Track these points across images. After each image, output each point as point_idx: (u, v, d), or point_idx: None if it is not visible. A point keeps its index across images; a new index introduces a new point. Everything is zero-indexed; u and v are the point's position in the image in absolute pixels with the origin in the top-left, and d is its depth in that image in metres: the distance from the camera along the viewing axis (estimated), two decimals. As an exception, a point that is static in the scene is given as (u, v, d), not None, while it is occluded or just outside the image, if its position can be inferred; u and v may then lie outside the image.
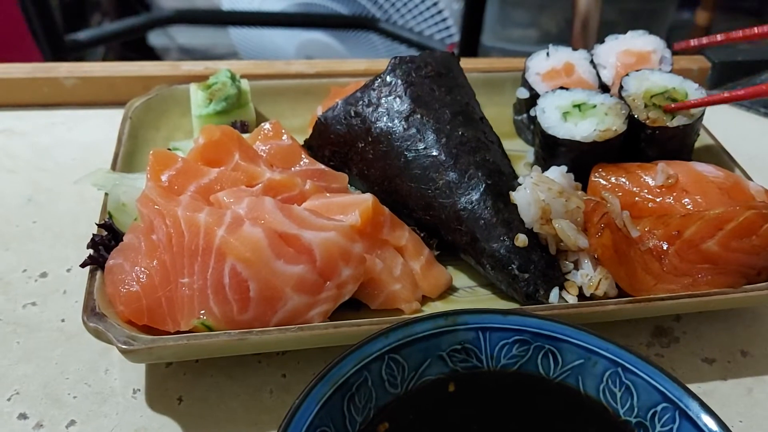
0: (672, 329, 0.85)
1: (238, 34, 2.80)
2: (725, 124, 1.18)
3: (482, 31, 2.28)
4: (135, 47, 2.97)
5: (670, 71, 0.99)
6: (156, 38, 3.22)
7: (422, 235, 0.85)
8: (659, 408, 0.64)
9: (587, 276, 0.78)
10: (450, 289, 0.84)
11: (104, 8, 3.09)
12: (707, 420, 0.61)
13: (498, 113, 1.06)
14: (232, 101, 0.98)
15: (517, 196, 0.80)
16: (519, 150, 1.05)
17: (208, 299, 0.70)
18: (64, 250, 0.90)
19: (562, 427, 0.67)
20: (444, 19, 2.51)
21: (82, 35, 2.34)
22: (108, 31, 2.53)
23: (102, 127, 1.12)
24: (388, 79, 0.88)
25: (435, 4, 2.46)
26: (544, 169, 0.88)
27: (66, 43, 2.21)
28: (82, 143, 1.10)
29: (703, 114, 0.92)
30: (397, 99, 0.87)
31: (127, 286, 0.71)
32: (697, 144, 0.99)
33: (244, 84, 1.03)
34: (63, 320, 0.82)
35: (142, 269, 0.72)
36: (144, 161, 0.86)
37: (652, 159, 0.91)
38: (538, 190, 0.79)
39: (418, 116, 0.86)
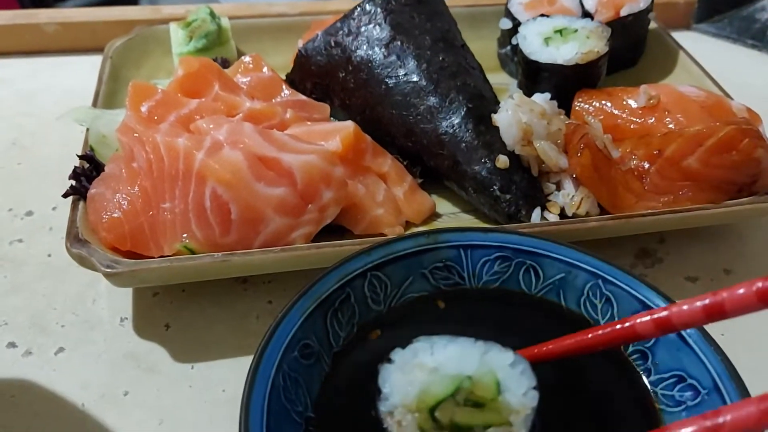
0: (656, 250, 0.85)
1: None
2: (712, 55, 1.17)
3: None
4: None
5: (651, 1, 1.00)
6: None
7: (405, 163, 0.85)
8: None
9: (569, 196, 0.79)
10: (434, 215, 0.84)
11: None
12: (685, 324, 0.61)
13: (482, 47, 1.05)
14: (212, 38, 0.97)
15: (499, 118, 0.80)
16: (503, 83, 1.05)
17: (190, 223, 0.70)
18: (49, 190, 0.90)
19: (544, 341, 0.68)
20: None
21: (70, 3, 2.32)
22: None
23: (85, 73, 1.11)
24: (368, 7, 0.87)
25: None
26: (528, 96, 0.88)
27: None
28: (65, 89, 1.10)
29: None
30: (377, 27, 0.86)
31: (109, 213, 0.71)
32: (680, 70, 0.99)
33: (224, 22, 1.03)
34: (49, 255, 0.82)
35: (124, 196, 0.72)
36: (125, 100, 0.85)
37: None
38: (519, 112, 0.79)
39: (398, 43, 0.85)
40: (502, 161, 0.79)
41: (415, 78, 0.84)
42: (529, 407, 0.49)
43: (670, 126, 0.83)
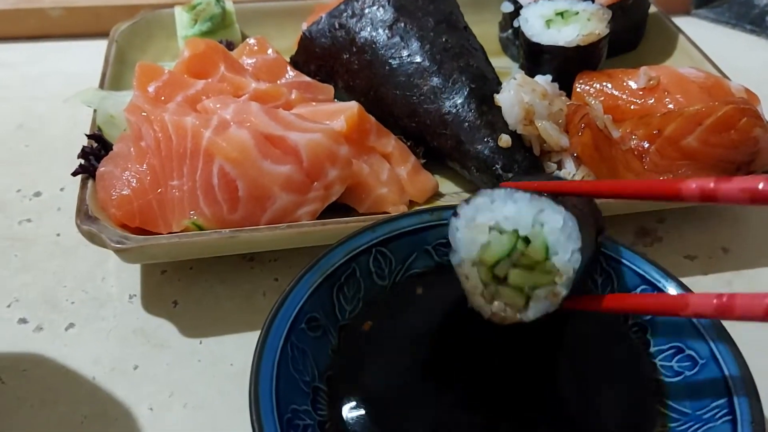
0: (655, 230, 0.86)
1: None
2: (711, 40, 1.18)
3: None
4: None
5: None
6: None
7: (409, 143, 0.86)
8: (639, 290, 0.66)
9: (570, 174, 0.80)
10: (436, 195, 0.85)
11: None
12: (684, 297, 0.63)
13: (484, 31, 1.06)
14: (217, 21, 0.99)
15: (502, 98, 0.82)
16: (505, 67, 1.06)
17: (198, 200, 0.72)
18: (57, 171, 0.92)
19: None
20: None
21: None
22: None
23: (90, 58, 1.11)
24: (371, -11, 0.89)
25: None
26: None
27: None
28: (71, 73, 1.11)
29: None
30: (381, 9, 0.87)
31: (118, 191, 0.73)
32: (679, 53, 1.00)
33: (229, 5, 1.04)
34: (58, 234, 0.83)
35: (133, 174, 0.73)
36: (131, 83, 0.87)
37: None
38: (522, 92, 0.80)
39: (402, 24, 0.86)
40: (505, 140, 0.80)
41: (418, 59, 0.85)
42: (572, 269, 0.54)
43: (670, 106, 0.84)
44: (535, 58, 0.92)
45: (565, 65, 0.90)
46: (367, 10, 0.87)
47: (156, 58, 1.01)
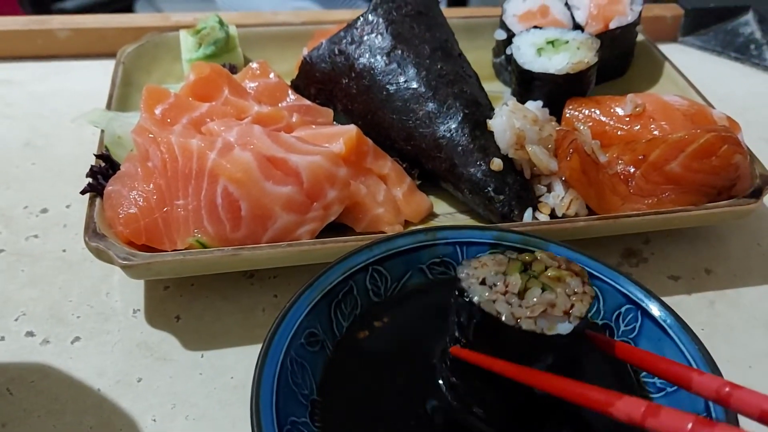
0: (641, 251, 0.90)
1: (226, 3, 2.80)
2: (698, 67, 1.23)
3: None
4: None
5: (640, 12, 1.05)
6: (142, 9, 3.23)
7: (404, 165, 0.90)
8: (623, 309, 0.69)
9: (559, 197, 0.83)
10: (431, 215, 0.89)
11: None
12: (666, 317, 0.66)
13: (478, 57, 1.10)
14: (220, 45, 1.02)
15: (494, 123, 0.85)
16: (497, 91, 1.10)
17: (203, 219, 0.74)
18: (63, 188, 0.94)
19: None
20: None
21: (69, 4, 2.37)
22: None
23: (96, 77, 1.15)
24: (370, 17, 0.92)
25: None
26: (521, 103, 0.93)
27: (52, 11, 2.23)
28: (77, 92, 1.14)
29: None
30: (379, 36, 0.91)
31: (125, 209, 0.75)
32: (666, 80, 1.04)
33: (232, 29, 1.07)
34: (64, 250, 0.86)
35: (140, 193, 0.76)
36: (137, 104, 0.90)
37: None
38: (513, 118, 0.84)
39: (399, 52, 0.90)
40: (496, 164, 0.84)
41: (414, 85, 0.88)
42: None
43: (655, 133, 0.88)
44: (526, 84, 0.96)
45: (555, 92, 0.94)
46: (365, 38, 0.91)
47: (161, 80, 1.04)
